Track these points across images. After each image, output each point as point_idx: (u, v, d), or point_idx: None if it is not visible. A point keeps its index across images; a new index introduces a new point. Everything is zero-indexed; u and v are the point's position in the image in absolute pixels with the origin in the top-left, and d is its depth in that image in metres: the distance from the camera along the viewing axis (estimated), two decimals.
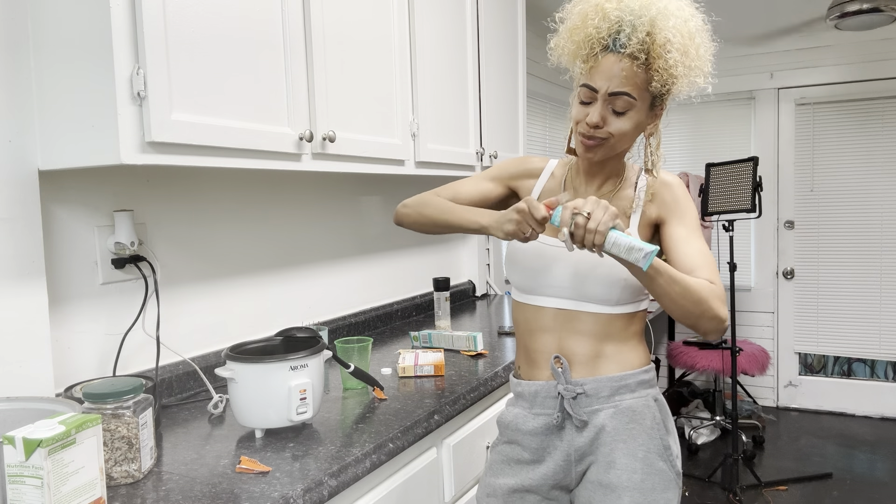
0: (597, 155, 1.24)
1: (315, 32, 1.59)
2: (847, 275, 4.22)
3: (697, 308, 1.13)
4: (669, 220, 1.26)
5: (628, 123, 1.20)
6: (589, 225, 1.06)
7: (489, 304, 2.90)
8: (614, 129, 1.20)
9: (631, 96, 1.17)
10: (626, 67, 1.15)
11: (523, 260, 1.30)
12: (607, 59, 1.16)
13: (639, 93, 1.18)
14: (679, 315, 1.15)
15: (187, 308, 1.69)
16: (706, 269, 1.20)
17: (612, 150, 1.23)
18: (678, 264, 1.23)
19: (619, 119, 1.19)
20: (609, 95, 1.17)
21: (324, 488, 1.12)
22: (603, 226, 1.06)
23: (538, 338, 1.30)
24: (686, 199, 1.28)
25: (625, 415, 1.23)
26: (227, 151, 1.37)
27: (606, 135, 1.20)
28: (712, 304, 1.14)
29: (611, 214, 1.07)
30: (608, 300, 1.24)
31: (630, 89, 1.17)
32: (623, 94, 1.17)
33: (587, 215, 1.07)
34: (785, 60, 4.26)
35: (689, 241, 1.24)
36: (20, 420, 1.13)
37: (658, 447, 1.23)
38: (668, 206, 1.27)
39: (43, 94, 1.25)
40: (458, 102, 2.28)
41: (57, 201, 1.41)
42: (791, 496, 3.20)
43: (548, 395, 1.27)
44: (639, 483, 1.21)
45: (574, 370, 1.26)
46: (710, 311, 1.14)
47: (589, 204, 1.07)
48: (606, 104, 1.18)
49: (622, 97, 1.17)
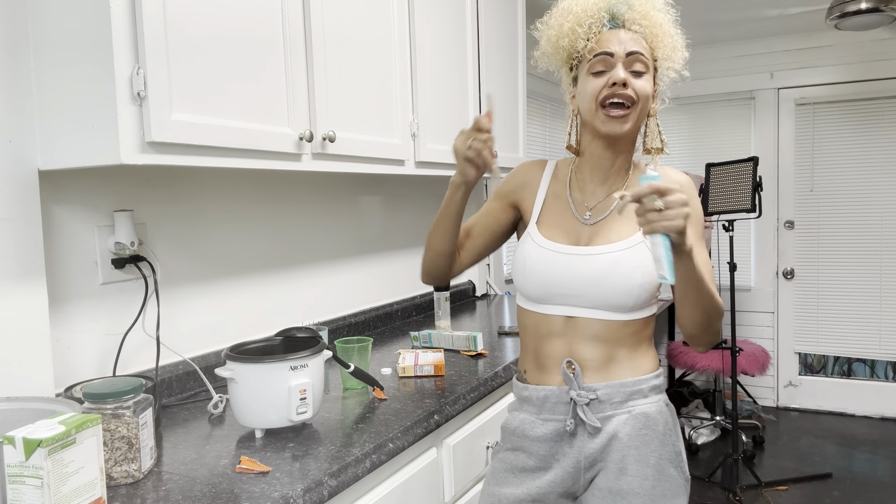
0: (625, 124, 1.19)
1: (315, 32, 1.59)
2: (847, 275, 4.22)
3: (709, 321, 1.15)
4: None
5: (648, 86, 1.21)
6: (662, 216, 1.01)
7: (489, 304, 2.90)
8: (639, 89, 1.19)
9: (645, 56, 1.20)
10: (633, 34, 1.20)
11: (533, 268, 1.26)
12: (614, 32, 1.20)
13: (649, 56, 1.21)
14: (690, 322, 1.16)
15: (187, 308, 1.69)
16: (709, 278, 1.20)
17: (639, 119, 1.21)
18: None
19: (639, 80, 1.19)
20: (627, 56, 1.18)
21: (324, 488, 1.12)
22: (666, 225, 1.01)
23: (548, 342, 1.27)
24: (696, 202, 1.26)
25: (638, 420, 1.21)
26: (227, 151, 1.37)
27: (634, 97, 1.19)
28: (719, 321, 1.17)
29: (677, 226, 1.01)
30: (622, 307, 1.21)
31: (643, 50, 1.20)
32: (639, 54, 1.19)
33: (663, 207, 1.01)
34: (785, 60, 4.26)
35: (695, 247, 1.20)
36: (20, 420, 1.13)
37: (670, 453, 1.21)
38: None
39: (43, 95, 1.25)
40: (458, 102, 2.28)
41: (57, 201, 1.41)
42: (791, 496, 3.20)
43: (558, 401, 1.25)
44: (650, 490, 1.19)
45: (586, 375, 1.23)
46: (716, 325, 1.17)
47: (675, 199, 1.01)
48: (626, 66, 1.19)
49: (639, 57, 1.19)
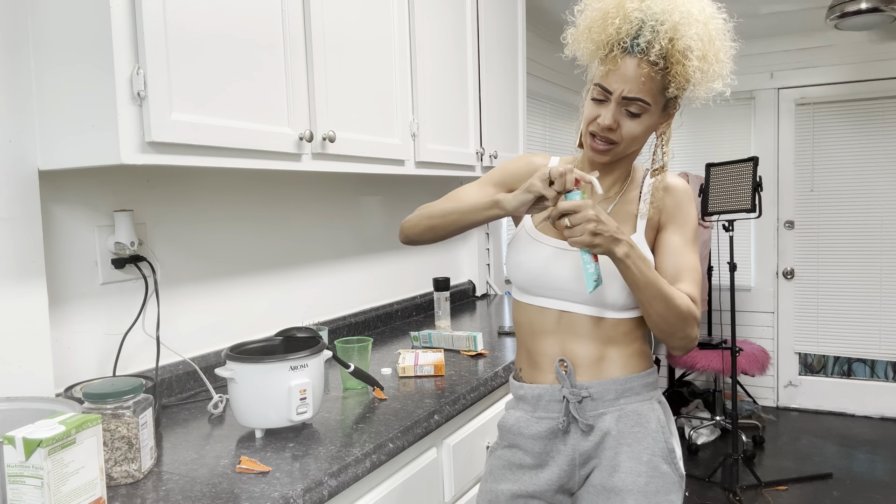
0: (605, 157, 1.23)
1: (315, 32, 1.59)
2: (847, 275, 4.22)
3: (670, 328, 1.17)
4: (667, 227, 1.26)
5: (640, 127, 1.19)
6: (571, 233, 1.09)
7: (489, 304, 2.90)
8: (626, 133, 1.18)
9: (645, 102, 1.16)
10: (644, 73, 1.13)
11: (527, 261, 1.28)
12: (625, 63, 1.14)
13: (653, 98, 1.16)
14: (653, 326, 1.19)
15: (187, 308, 1.69)
16: (691, 284, 1.22)
17: (622, 154, 1.23)
18: (664, 271, 1.23)
19: (631, 122, 1.18)
20: (623, 99, 1.16)
21: (324, 488, 1.12)
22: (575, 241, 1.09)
23: (541, 340, 1.28)
24: (689, 206, 1.27)
25: (630, 418, 1.22)
26: (227, 151, 1.37)
27: (618, 138, 1.19)
28: (686, 325, 1.18)
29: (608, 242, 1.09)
30: (613, 305, 1.23)
31: (645, 95, 1.15)
32: (638, 100, 1.15)
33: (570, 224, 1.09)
34: (785, 60, 4.26)
35: (682, 252, 1.23)
36: (20, 420, 1.13)
37: (663, 450, 1.22)
38: (669, 211, 1.26)
39: (43, 95, 1.25)
40: (458, 102, 2.28)
41: (57, 201, 1.41)
42: (791, 496, 3.20)
43: (552, 399, 1.26)
44: (643, 486, 1.20)
45: (578, 373, 1.25)
46: (682, 331, 1.18)
47: (605, 224, 1.09)
48: (620, 107, 1.17)
49: (636, 102, 1.16)
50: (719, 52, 1.16)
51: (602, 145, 1.21)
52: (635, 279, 1.13)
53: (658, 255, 1.25)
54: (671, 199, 1.26)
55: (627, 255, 1.11)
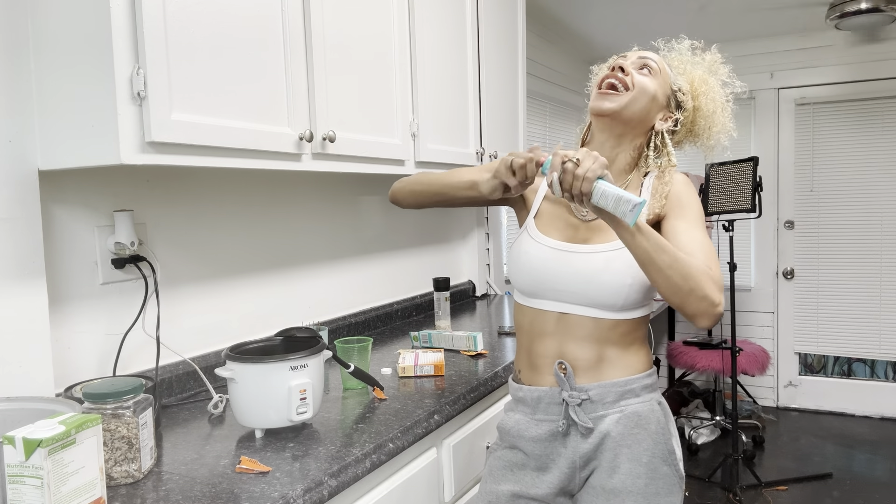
0: (612, 103, 1.23)
1: (315, 32, 1.59)
2: (847, 275, 4.22)
3: (686, 284, 1.06)
4: (669, 215, 1.25)
5: (650, 82, 1.26)
6: (577, 171, 1.04)
7: (489, 304, 2.90)
8: (637, 79, 1.25)
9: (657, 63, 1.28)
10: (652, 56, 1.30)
11: (528, 262, 1.28)
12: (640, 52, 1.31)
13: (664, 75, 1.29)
14: (665, 289, 1.08)
15: (187, 308, 1.69)
16: (704, 255, 1.15)
17: (628, 107, 1.23)
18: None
19: (642, 74, 1.26)
20: (638, 58, 1.28)
21: (324, 488, 1.12)
22: (591, 173, 1.03)
23: (541, 342, 1.28)
24: (689, 195, 1.26)
25: (630, 420, 1.22)
26: (227, 151, 1.37)
27: (630, 83, 1.24)
28: (701, 281, 1.07)
29: (600, 164, 1.05)
30: (612, 306, 1.22)
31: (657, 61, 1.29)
32: (650, 58, 1.28)
33: (576, 161, 1.05)
34: (785, 60, 4.26)
35: (690, 232, 1.20)
36: (20, 420, 1.13)
37: (663, 451, 1.22)
38: (671, 203, 1.26)
39: (43, 95, 1.25)
40: (458, 102, 2.28)
41: (57, 201, 1.41)
42: (791, 496, 3.20)
43: (551, 402, 1.26)
44: (643, 488, 1.19)
45: (578, 375, 1.24)
46: (700, 289, 1.07)
47: (580, 153, 1.06)
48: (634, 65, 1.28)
49: (649, 59, 1.28)
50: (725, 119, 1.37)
51: (611, 91, 1.24)
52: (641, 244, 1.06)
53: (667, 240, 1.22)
54: (672, 190, 1.27)
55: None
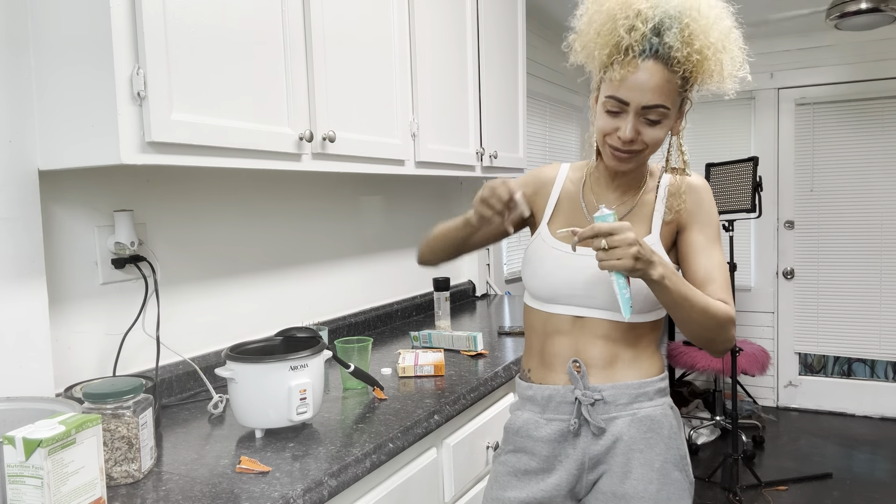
0: (630, 165, 1.20)
1: (315, 32, 1.59)
2: (847, 275, 4.22)
3: (711, 333, 1.13)
4: (690, 227, 1.22)
5: (661, 132, 1.15)
6: (604, 255, 1.04)
7: (489, 304, 2.90)
8: (649, 140, 1.15)
9: (665, 107, 1.12)
10: (663, 77, 1.09)
11: (542, 269, 1.26)
12: (643, 68, 1.09)
13: (672, 101, 1.13)
14: (691, 335, 1.15)
15: (187, 308, 1.69)
16: (720, 286, 1.18)
17: (646, 158, 1.21)
18: (692, 274, 1.20)
19: (652, 129, 1.14)
20: (642, 109, 1.12)
21: (324, 488, 1.12)
22: (610, 266, 1.04)
23: (555, 341, 1.26)
24: (711, 205, 1.24)
25: (643, 423, 1.20)
26: (227, 151, 1.37)
27: (641, 147, 1.16)
28: (725, 328, 1.14)
29: (624, 266, 1.03)
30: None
31: (664, 100, 1.11)
32: (658, 107, 1.12)
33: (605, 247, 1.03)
34: (785, 60, 4.26)
35: (708, 251, 1.20)
36: (20, 420, 1.13)
37: (675, 457, 1.20)
38: (692, 211, 1.23)
39: (43, 94, 1.25)
40: (458, 102, 2.28)
41: (57, 201, 1.41)
42: (791, 496, 3.19)
43: (563, 401, 1.24)
44: (654, 494, 1.18)
45: (591, 375, 1.23)
46: (722, 337, 1.14)
47: (622, 235, 1.03)
48: (638, 116, 1.13)
49: (656, 110, 1.12)
50: (737, 40, 1.13)
51: (625, 156, 1.17)
52: (672, 298, 1.09)
53: (684, 255, 1.22)
54: (692, 199, 1.23)
55: (664, 276, 1.06)
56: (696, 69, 1.11)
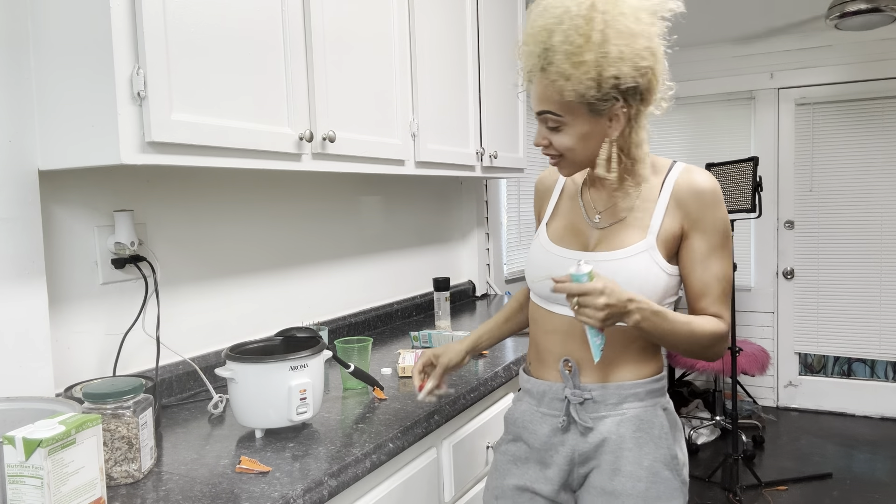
0: (564, 171, 1.24)
1: (315, 32, 1.59)
2: (847, 275, 4.22)
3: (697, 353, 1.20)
4: (691, 233, 1.20)
5: (567, 138, 1.17)
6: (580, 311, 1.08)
7: (489, 304, 2.90)
8: (557, 145, 1.19)
9: (553, 113, 1.16)
10: (545, 85, 1.14)
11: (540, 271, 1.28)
12: (536, 82, 1.17)
13: (560, 107, 1.14)
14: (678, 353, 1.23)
15: (187, 308, 1.69)
16: (715, 299, 1.21)
17: (575, 164, 1.22)
18: (688, 286, 1.22)
19: (556, 135, 1.18)
20: (538, 115, 1.19)
21: (324, 488, 1.12)
22: (587, 319, 1.08)
23: (549, 337, 1.28)
24: (715, 209, 1.20)
25: (632, 423, 1.21)
26: (227, 151, 1.37)
27: (556, 152, 1.21)
28: (712, 348, 1.20)
29: (597, 320, 1.07)
30: None
31: (551, 106, 1.15)
32: (545, 113, 1.17)
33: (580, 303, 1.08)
34: (785, 60, 4.26)
35: (707, 262, 1.19)
36: (20, 420, 1.13)
37: (665, 456, 1.21)
38: (693, 217, 1.20)
39: (43, 94, 1.25)
40: (458, 102, 2.28)
41: (57, 201, 1.41)
42: (791, 496, 3.19)
43: (554, 397, 1.26)
44: (643, 492, 1.18)
45: (583, 374, 1.24)
46: (709, 353, 1.21)
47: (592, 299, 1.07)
48: (542, 124, 1.20)
49: (546, 115, 1.17)
50: (611, 39, 1.08)
51: (552, 162, 1.24)
52: (651, 335, 1.14)
53: (683, 264, 1.22)
54: (695, 203, 1.19)
55: (638, 322, 1.10)
56: (554, 76, 1.11)
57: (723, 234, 1.21)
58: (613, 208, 1.26)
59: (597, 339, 1.12)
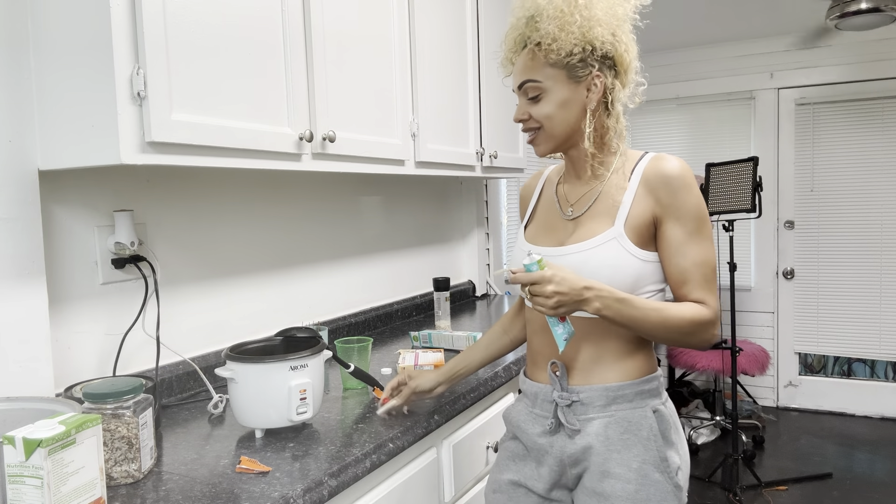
0: (540, 147, 1.26)
1: (315, 32, 1.59)
2: (847, 275, 4.22)
3: (678, 341, 1.18)
4: (665, 220, 1.18)
5: (547, 106, 1.21)
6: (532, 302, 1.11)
7: (489, 304, 2.90)
8: (537, 115, 1.22)
9: (534, 80, 1.21)
10: (526, 54, 1.22)
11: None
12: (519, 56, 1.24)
13: (542, 73, 1.20)
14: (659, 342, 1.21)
15: (187, 308, 1.69)
16: (697, 285, 1.17)
17: (554, 137, 1.24)
18: (669, 275, 1.20)
19: (536, 106, 1.22)
20: (519, 89, 1.23)
21: (324, 488, 1.12)
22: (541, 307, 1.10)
23: (539, 338, 1.29)
24: (686, 193, 1.17)
25: (619, 425, 1.19)
26: (227, 151, 1.37)
27: (536, 124, 1.23)
28: (696, 334, 1.17)
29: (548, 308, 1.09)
30: None
31: (531, 74, 1.21)
32: (528, 82, 1.21)
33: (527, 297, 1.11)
34: (785, 60, 4.26)
35: (684, 248, 1.17)
36: (20, 420, 1.13)
37: (654, 458, 1.18)
38: (664, 203, 1.17)
39: (43, 94, 1.25)
40: (458, 102, 2.28)
41: (57, 201, 1.41)
42: (791, 496, 3.20)
43: (545, 399, 1.26)
44: (632, 494, 1.17)
45: (572, 376, 1.23)
46: (693, 339, 1.18)
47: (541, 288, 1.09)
48: (523, 98, 1.24)
49: (527, 85, 1.21)
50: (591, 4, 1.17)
51: (529, 136, 1.26)
52: (618, 323, 1.13)
53: (661, 253, 1.19)
54: (664, 189, 1.17)
55: (599, 309, 1.11)
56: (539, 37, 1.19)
57: (697, 218, 1.17)
58: (585, 197, 1.26)
59: (558, 328, 1.13)
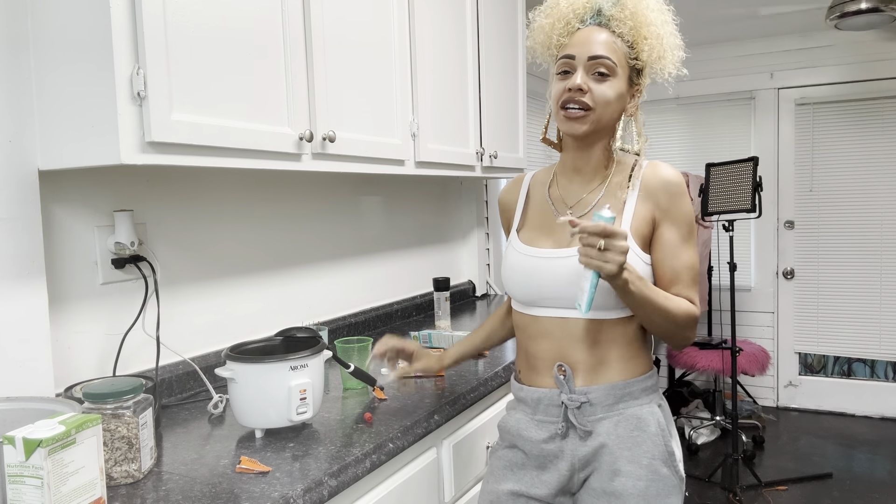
0: (583, 126, 1.20)
1: (315, 32, 1.59)
2: (847, 275, 4.22)
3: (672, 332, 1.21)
4: (663, 223, 1.22)
5: (610, 91, 1.19)
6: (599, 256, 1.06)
7: (489, 304, 2.90)
8: (598, 96, 1.19)
9: (611, 60, 1.19)
10: (606, 36, 1.20)
11: (515, 276, 1.28)
12: (588, 30, 1.21)
13: (618, 59, 1.20)
14: (652, 331, 1.23)
15: (187, 308, 1.69)
16: (687, 284, 1.22)
17: (598, 122, 1.20)
18: (660, 273, 1.22)
19: (600, 84, 1.19)
20: (588, 60, 1.19)
21: (324, 488, 1.12)
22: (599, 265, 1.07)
23: (538, 343, 1.27)
24: (683, 200, 1.23)
25: (629, 422, 1.21)
26: (227, 151, 1.37)
27: (591, 102, 1.19)
28: (686, 329, 1.21)
29: (617, 264, 1.05)
30: (604, 306, 1.21)
31: (610, 54, 1.19)
32: (603, 58, 1.18)
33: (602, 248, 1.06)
34: (785, 60, 4.26)
35: (678, 250, 1.22)
36: (20, 420, 1.13)
37: (662, 453, 1.21)
38: (662, 207, 1.22)
39: (43, 94, 1.25)
40: (458, 102, 2.28)
41: (57, 201, 1.41)
42: (791, 496, 3.20)
43: (550, 404, 1.25)
44: (643, 490, 1.19)
45: (576, 378, 1.23)
46: (682, 334, 1.21)
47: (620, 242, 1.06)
48: (587, 70, 1.19)
49: (602, 60, 1.18)
50: (672, 32, 1.23)
51: (576, 111, 1.19)
52: (634, 300, 1.14)
53: (655, 253, 1.23)
54: (664, 194, 1.22)
55: (627, 282, 1.10)
56: (636, 35, 1.20)
57: (689, 224, 1.24)
58: (585, 200, 1.27)
59: (595, 290, 1.10)
